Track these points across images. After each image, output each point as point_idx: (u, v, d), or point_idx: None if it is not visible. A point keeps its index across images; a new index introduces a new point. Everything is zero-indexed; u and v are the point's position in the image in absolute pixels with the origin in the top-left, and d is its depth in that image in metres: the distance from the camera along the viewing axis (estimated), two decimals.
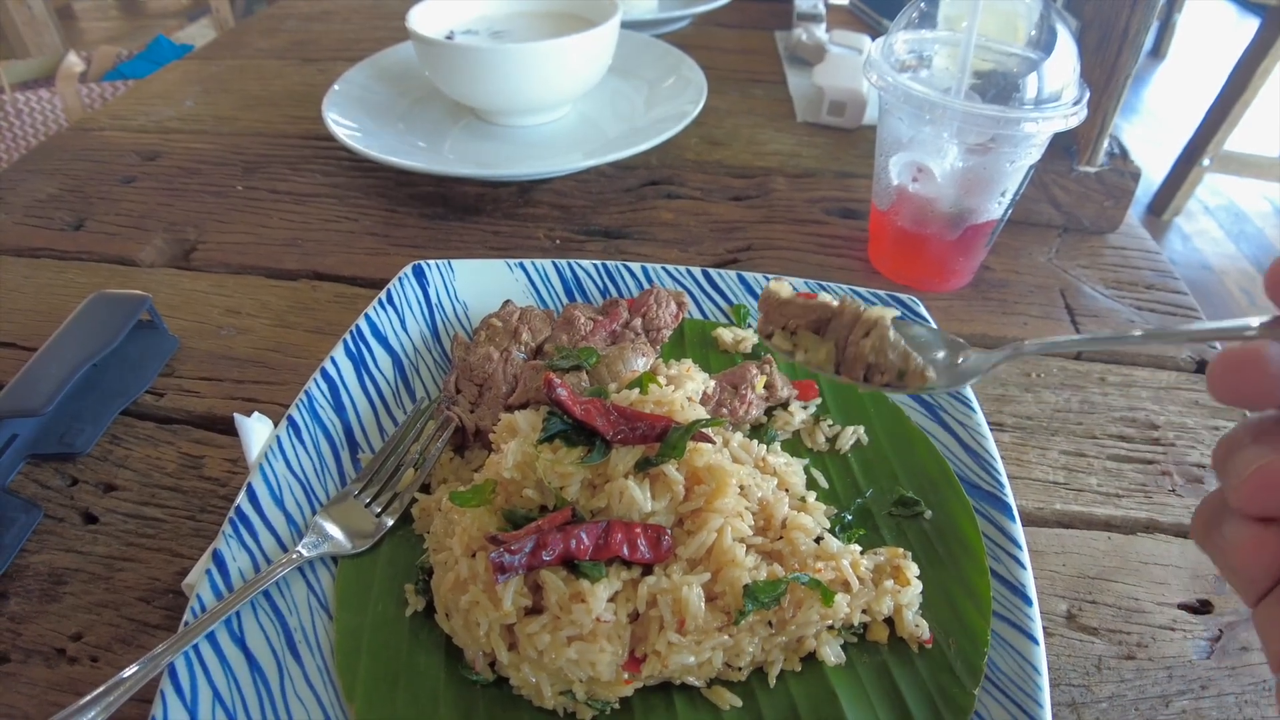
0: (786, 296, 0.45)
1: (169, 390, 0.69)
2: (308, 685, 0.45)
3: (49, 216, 0.92)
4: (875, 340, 0.41)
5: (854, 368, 0.42)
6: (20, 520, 0.57)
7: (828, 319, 0.43)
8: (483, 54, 0.90)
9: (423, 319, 0.67)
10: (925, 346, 0.43)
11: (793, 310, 0.44)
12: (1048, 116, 0.63)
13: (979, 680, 0.45)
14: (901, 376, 0.41)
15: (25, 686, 0.49)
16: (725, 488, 0.45)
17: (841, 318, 0.43)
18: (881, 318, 0.42)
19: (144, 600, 0.53)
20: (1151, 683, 0.50)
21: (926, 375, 0.41)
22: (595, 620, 0.41)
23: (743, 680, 0.46)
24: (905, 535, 0.53)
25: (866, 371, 0.42)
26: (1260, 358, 0.28)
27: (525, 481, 0.46)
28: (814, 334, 0.44)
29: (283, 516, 0.52)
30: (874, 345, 0.41)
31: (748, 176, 0.99)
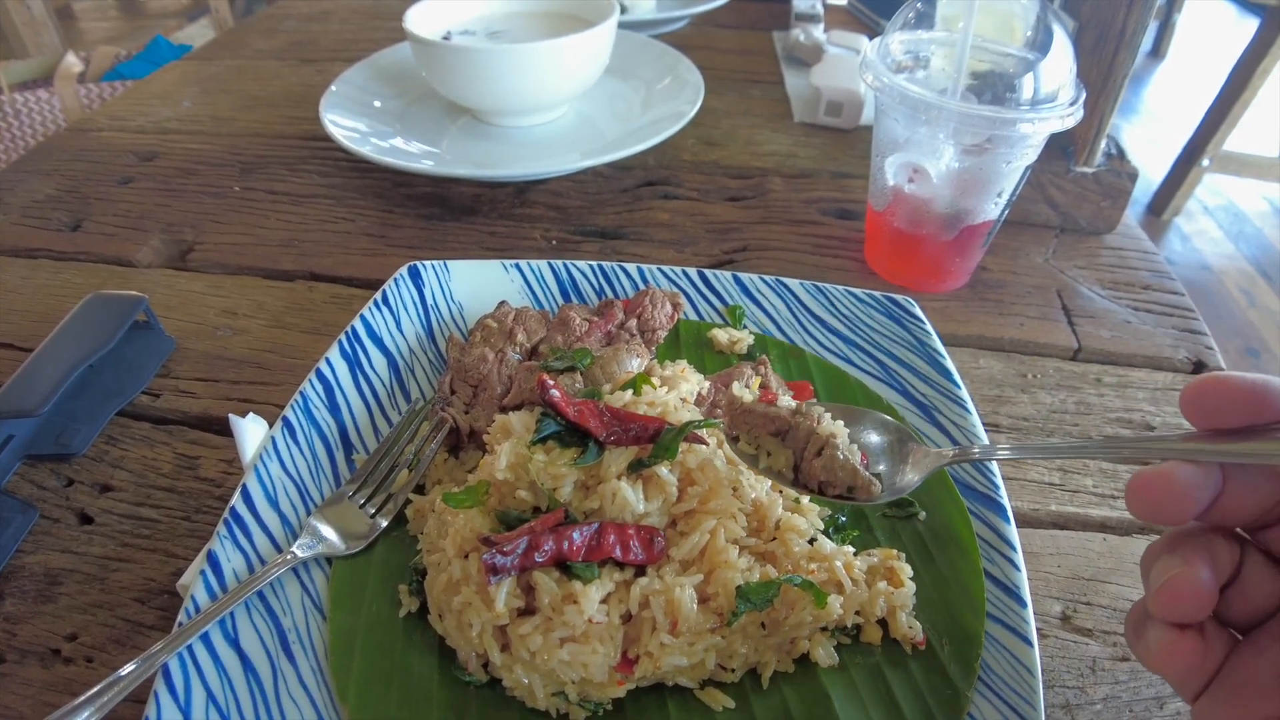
0: (749, 404, 0.50)
1: (165, 391, 0.69)
2: (301, 686, 0.45)
3: (46, 217, 0.92)
4: (825, 460, 0.46)
5: (808, 482, 0.47)
6: (16, 521, 0.57)
7: (785, 428, 0.48)
8: (479, 54, 0.90)
9: (418, 320, 0.67)
10: (876, 454, 0.48)
11: (754, 419, 0.49)
12: (1044, 117, 0.63)
13: (973, 682, 0.45)
14: (851, 490, 0.46)
15: (20, 687, 0.49)
16: (718, 489, 0.45)
17: (798, 430, 0.48)
18: (831, 436, 0.47)
19: (139, 601, 0.53)
20: (1146, 684, 0.50)
21: (872, 489, 0.46)
22: (588, 621, 0.41)
23: (735, 682, 0.46)
24: (899, 537, 0.53)
25: (820, 485, 0.47)
26: (1169, 481, 0.31)
27: (518, 483, 0.46)
28: (776, 438, 0.49)
29: (277, 517, 0.52)
30: (824, 464, 0.46)
31: (744, 177, 0.99)
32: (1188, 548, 0.32)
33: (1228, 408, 0.31)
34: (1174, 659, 0.32)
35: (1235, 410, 0.31)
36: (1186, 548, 0.32)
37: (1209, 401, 0.32)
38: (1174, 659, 0.32)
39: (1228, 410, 0.32)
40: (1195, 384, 0.32)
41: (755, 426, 0.49)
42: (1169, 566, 0.31)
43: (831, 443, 0.46)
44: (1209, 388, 0.32)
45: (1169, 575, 0.31)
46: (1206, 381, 0.32)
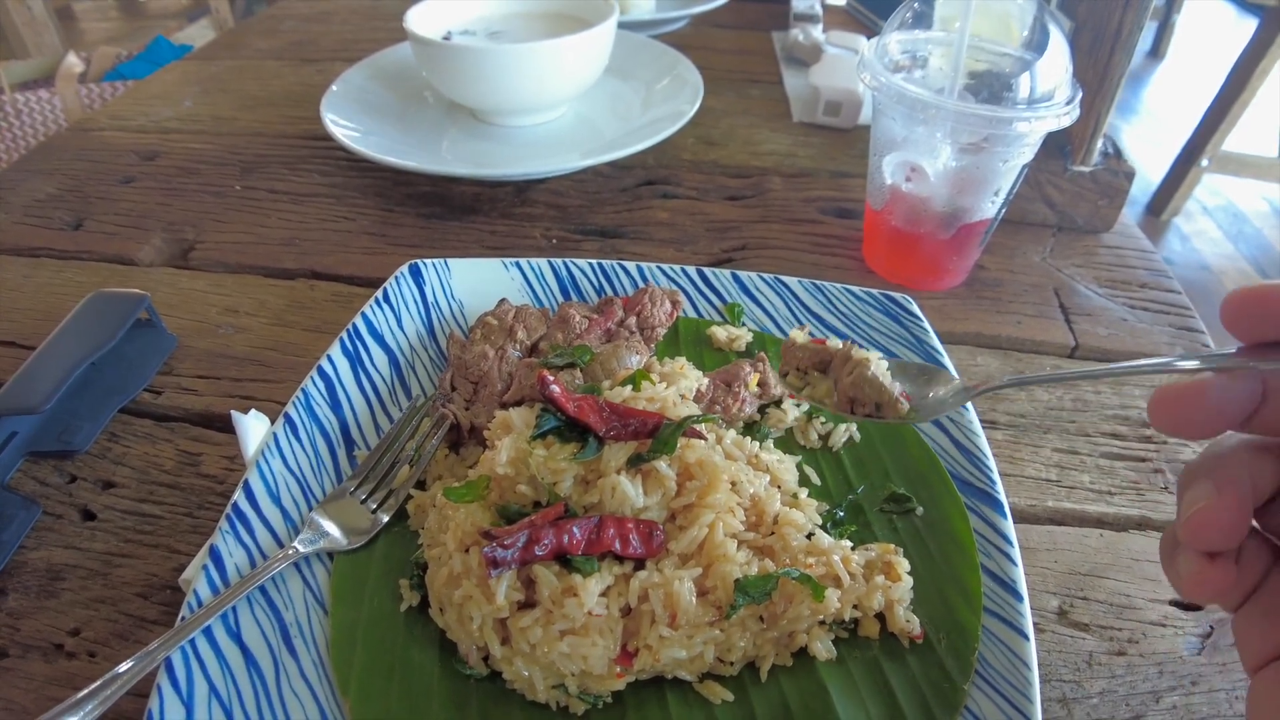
0: (801, 342, 0.53)
1: (167, 388, 0.69)
2: (303, 680, 0.45)
3: (48, 216, 0.92)
4: (855, 378, 0.49)
5: (841, 400, 0.50)
6: (19, 517, 0.57)
7: (829, 360, 0.51)
8: (480, 54, 0.91)
9: (419, 317, 0.68)
10: (912, 381, 0.50)
11: (803, 354, 0.53)
12: (1040, 116, 0.64)
13: (970, 675, 0.46)
14: (879, 408, 0.48)
15: (23, 681, 0.49)
16: (717, 483, 0.46)
17: (838, 358, 0.51)
18: (865, 358, 0.49)
19: (141, 596, 0.53)
20: (1142, 678, 0.51)
21: (899, 407, 0.48)
22: (587, 614, 0.41)
23: (734, 675, 0.46)
24: (897, 531, 0.53)
25: (851, 404, 0.49)
26: (1199, 393, 0.31)
27: (519, 477, 0.47)
28: (820, 373, 0.52)
29: (279, 513, 0.53)
30: (854, 380, 0.49)
31: (744, 176, 0.99)
32: (1223, 472, 0.31)
33: (1271, 318, 0.30)
34: (1203, 587, 0.31)
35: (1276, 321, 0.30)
36: (1221, 472, 0.31)
37: (1251, 310, 0.30)
38: (1203, 587, 0.31)
39: (1271, 320, 0.30)
40: (1235, 296, 0.30)
41: (802, 360, 0.52)
42: (1199, 495, 0.30)
43: (863, 363, 0.49)
44: (1249, 299, 0.30)
45: (1197, 506, 0.30)
46: (1246, 294, 0.30)
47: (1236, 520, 0.30)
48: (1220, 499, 0.30)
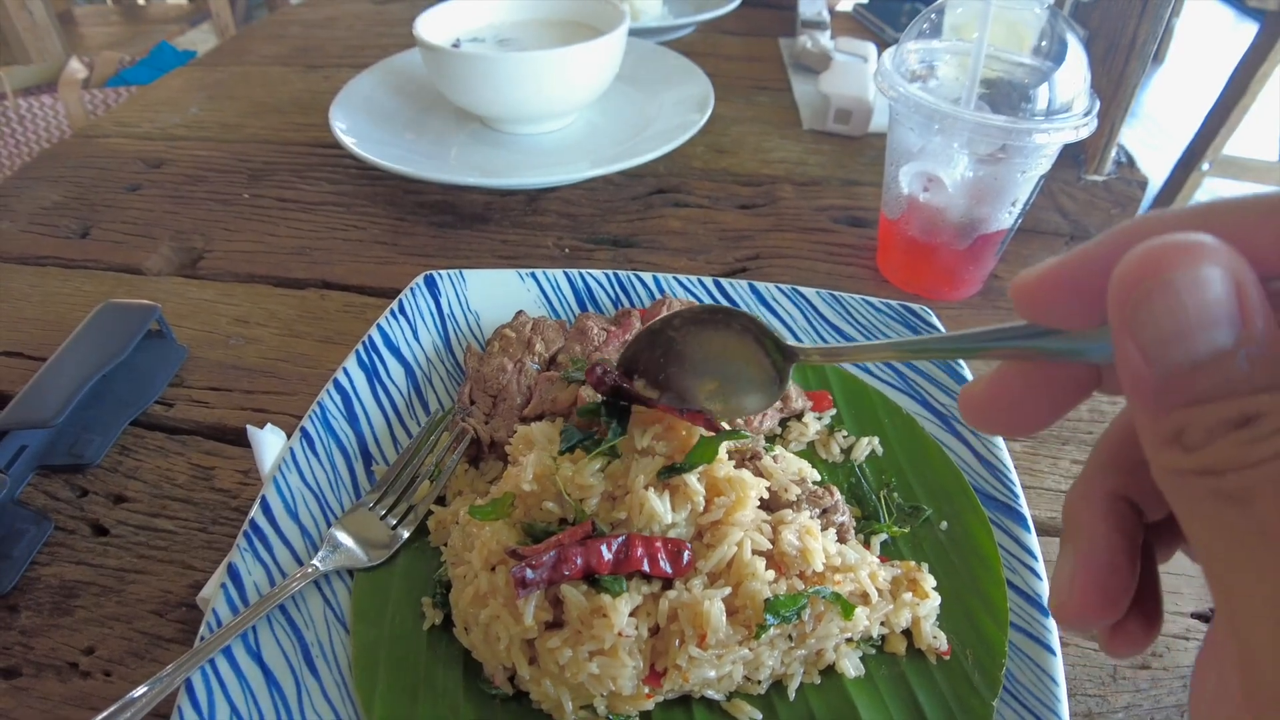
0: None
1: (178, 400, 0.68)
2: (325, 700, 0.45)
3: (54, 224, 0.91)
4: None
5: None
6: (30, 532, 0.56)
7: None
8: (489, 62, 0.90)
9: (435, 329, 0.67)
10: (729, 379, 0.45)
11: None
12: (1058, 127, 0.63)
13: (997, 691, 0.45)
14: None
15: (38, 701, 0.48)
16: (745, 501, 0.45)
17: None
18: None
19: (156, 613, 0.53)
20: (1166, 692, 0.50)
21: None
22: (617, 635, 0.41)
23: (762, 693, 0.46)
24: (922, 547, 0.53)
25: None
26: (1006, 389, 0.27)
27: (544, 494, 0.46)
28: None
29: (297, 529, 0.52)
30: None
31: (755, 185, 0.99)
32: (1080, 543, 0.26)
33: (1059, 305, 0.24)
34: (1116, 650, 0.27)
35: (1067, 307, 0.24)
36: (1079, 543, 0.26)
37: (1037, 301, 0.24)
38: (1116, 650, 0.27)
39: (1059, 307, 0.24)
40: (1022, 286, 0.25)
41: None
42: (1061, 580, 0.26)
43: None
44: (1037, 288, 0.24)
45: (1060, 598, 0.26)
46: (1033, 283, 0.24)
47: (1105, 604, 0.26)
48: (1080, 589, 0.26)
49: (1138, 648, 0.27)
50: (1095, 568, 0.26)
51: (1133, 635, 0.27)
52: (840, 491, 0.53)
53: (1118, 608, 0.26)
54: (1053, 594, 0.27)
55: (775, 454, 0.52)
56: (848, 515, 0.52)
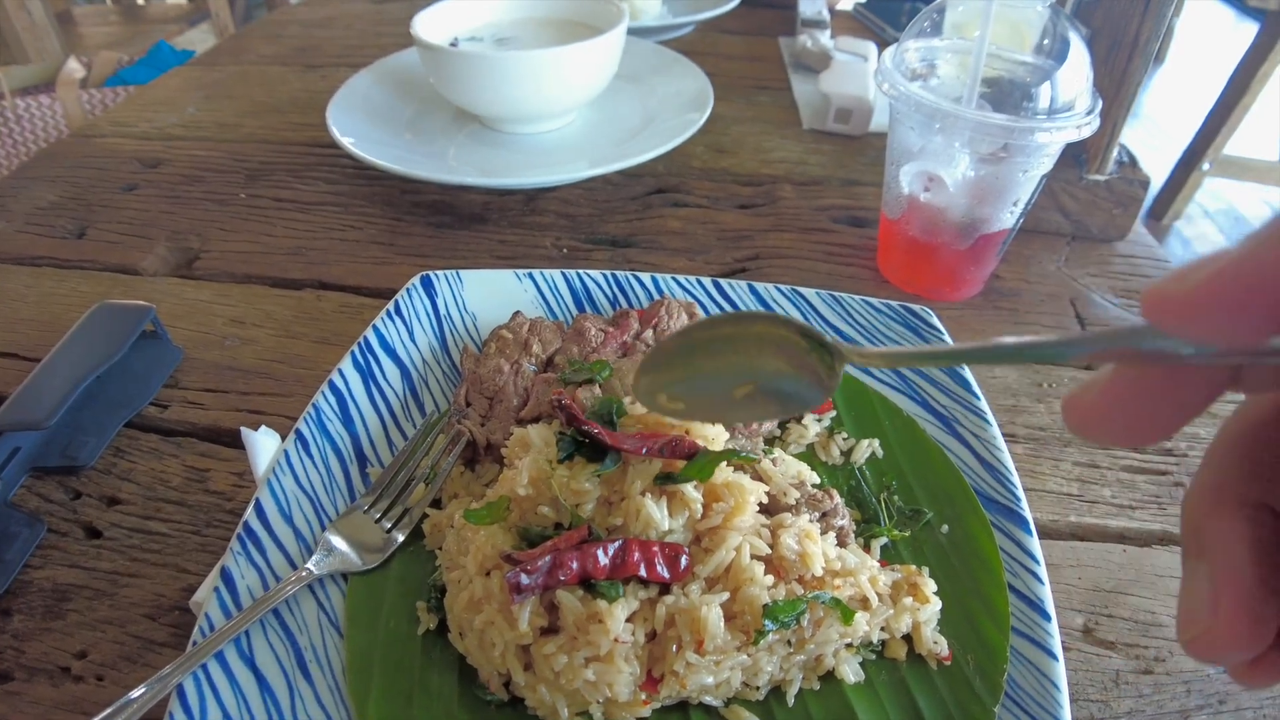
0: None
1: (173, 402, 0.68)
2: (319, 706, 0.44)
3: (51, 224, 0.91)
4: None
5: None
6: (23, 535, 0.56)
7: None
8: (487, 62, 0.90)
9: (431, 330, 0.67)
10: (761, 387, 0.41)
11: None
12: (1061, 126, 0.63)
13: (999, 697, 0.45)
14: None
15: (29, 706, 0.48)
16: (744, 506, 0.45)
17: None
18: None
19: (149, 617, 0.52)
20: (1170, 697, 0.50)
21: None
22: (613, 641, 0.40)
23: (760, 700, 0.45)
24: (922, 551, 0.53)
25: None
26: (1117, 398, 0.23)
27: (540, 498, 0.46)
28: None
29: (291, 532, 0.51)
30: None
31: (755, 184, 0.99)
32: (1216, 557, 0.23)
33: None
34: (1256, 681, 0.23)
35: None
36: (1215, 557, 0.23)
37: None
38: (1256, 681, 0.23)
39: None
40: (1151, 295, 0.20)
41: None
42: (1196, 604, 0.23)
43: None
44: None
45: (1196, 630, 0.22)
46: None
47: (1256, 632, 0.22)
48: (1220, 613, 0.22)
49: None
50: (1241, 590, 0.22)
51: (1275, 661, 0.23)
52: (840, 494, 0.52)
53: (1268, 635, 0.22)
54: (1187, 624, 0.23)
55: (774, 457, 0.52)
56: (847, 519, 0.52)
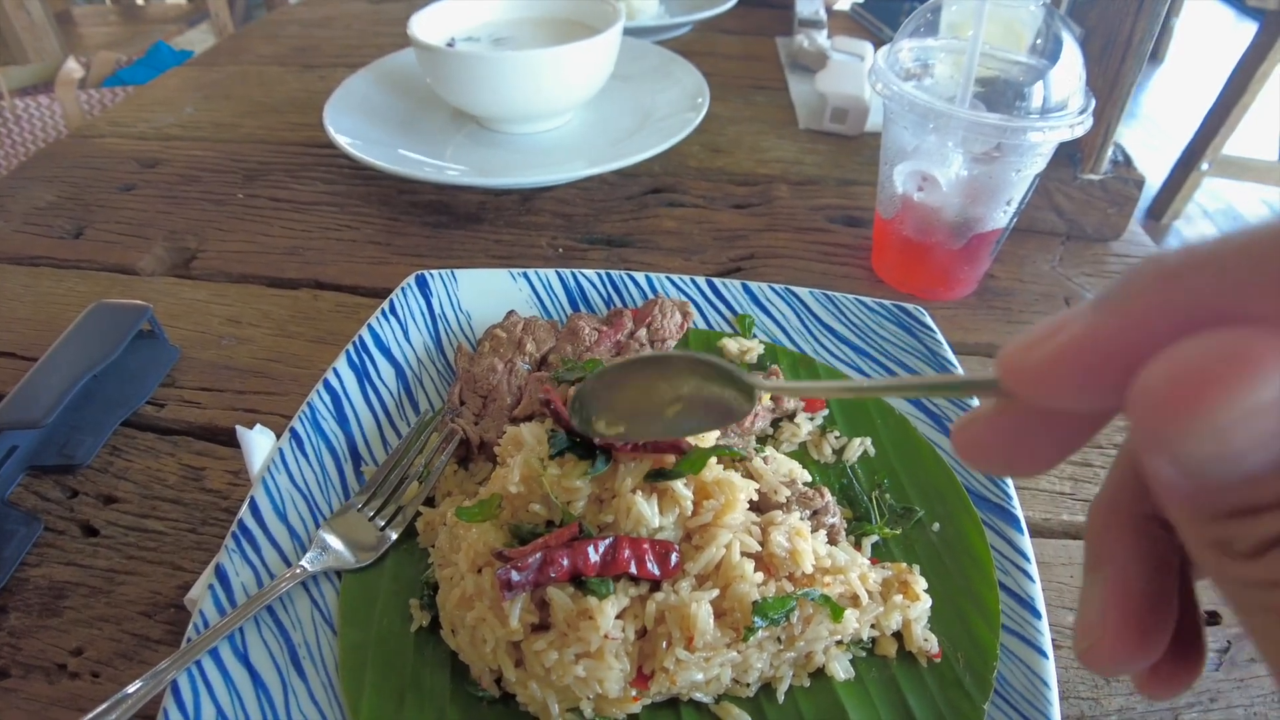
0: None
1: (170, 401, 0.68)
2: (312, 702, 0.44)
3: (48, 224, 0.91)
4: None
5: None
6: (20, 533, 0.56)
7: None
8: (484, 62, 0.90)
9: (426, 329, 0.67)
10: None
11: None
12: (1054, 125, 0.63)
13: (988, 695, 0.45)
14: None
15: (25, 702, 0.48)
16: (734, 503, 0.45)
17: None
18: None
19: (145, 614, 0.52)
20: None
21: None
22: (603, 637, 0.41)
23: (751, 696, 0.45)
24: (913, 549, 0.53)
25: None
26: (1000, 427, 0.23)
27: (531, 496, 0.46)
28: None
29: (285, 530, 0.52)
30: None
31: (750, 184, 0.99)
32: (1110, 569, 0.23)
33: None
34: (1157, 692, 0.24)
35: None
36: (1108, 568, 0.23)
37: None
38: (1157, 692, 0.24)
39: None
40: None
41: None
42: (1090, 614, 0.23)
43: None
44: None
45: (1089, 641, 0.23)
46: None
47: (1143, 643, 0.22)
48: (1114, 628, 0.22)
49: (1179, 688, 0.23)
50: (1129, 602, 0.22)
51: (1173, 675, 0.23)
52: (831, 493, 0.53)
53: (1158, 646, 0.22)
54: (1081, 635, 0.23)
55: (766, 455, 0.52)
56: (838, 517, 0.52)
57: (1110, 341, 0.18)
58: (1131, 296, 0.18)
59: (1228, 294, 0.16)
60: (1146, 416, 0.16)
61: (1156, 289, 0.17)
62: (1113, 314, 0.18)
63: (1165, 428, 0.16)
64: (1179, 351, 0.16)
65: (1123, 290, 0.18)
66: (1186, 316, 0.17)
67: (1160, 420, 0.16)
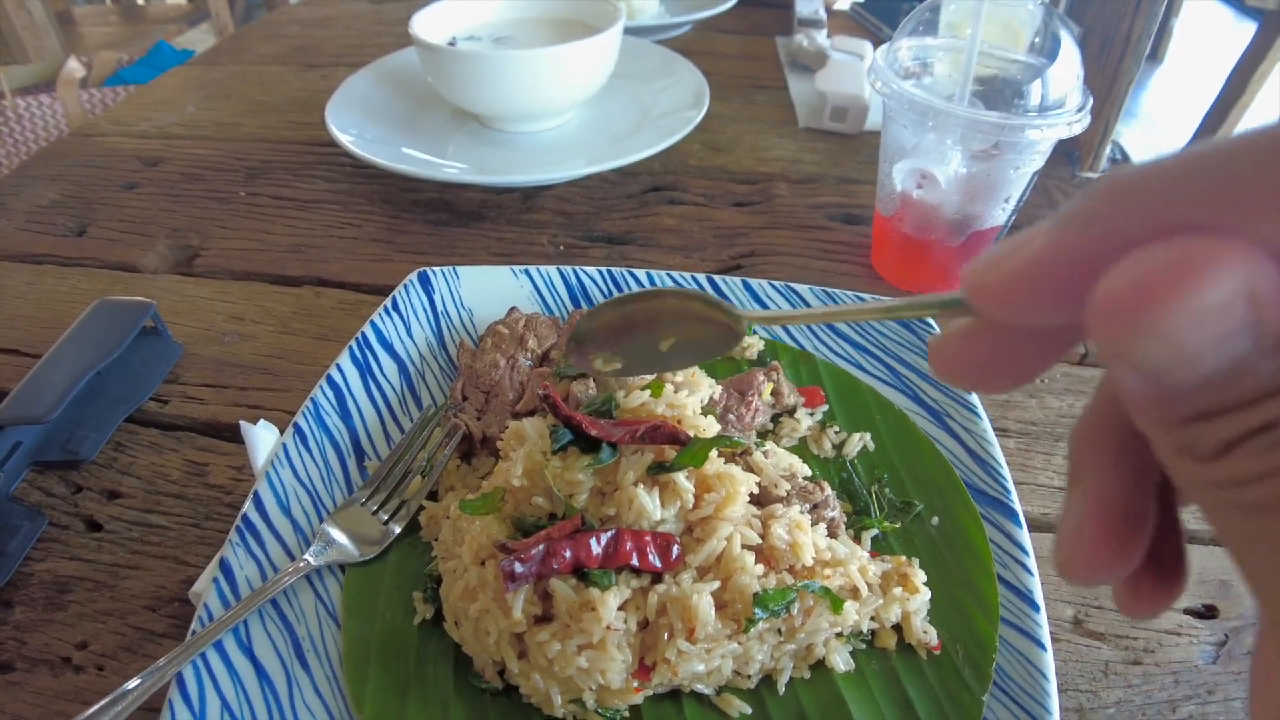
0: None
1: (173, 397, 0.69)
2: (316, 695, 0.45)
3: (51, 222, 0.92)
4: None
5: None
6: (25, 528, 0.57)
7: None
8: (485, 60, 0.91)
9: (429, 326, 0.67)
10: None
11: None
12: (1051, 123, 0.64)
13: (987, 687, 0.45)
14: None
15: (30, 696, 0.48)
16: (735, 496, 0.45)
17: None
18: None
19: (149, 609, 0.53)
20: (1158, 688, 0.50)
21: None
22: (606, 629, 0.41)
23: (752, 688, 0.46)
24: (913, 542, 0.53)
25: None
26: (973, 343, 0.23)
27: (534, 489, 0.46)
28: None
29: (289, 524, 0.52)
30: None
31: (750, 182, 0.99)
32: (1089, 487, 0.23)
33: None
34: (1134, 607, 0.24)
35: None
36: (1088, 487, 0.23)
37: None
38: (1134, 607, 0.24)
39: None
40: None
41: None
42: (1067, 526, 0.23)
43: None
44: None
45: (1067, 550, 0.23)
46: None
47: (1119, 551, 0.22)
48: (1091, 536, 0.22)
49: (1160, 605, 0.24)
50: (1107, 511, 0.22)
51: (1153, 591, 0.23)
52: (831, 487, 0.53)
53: (1133, 555, 0.22)
54: (1060, 546, 0.23)
55: (766, 449, 0.53)
56: (838, 510, 0.52)
57: (1070, 255, 0.18)
58: (1092, 211, 0.18)
59: (1184, 205, 0.16)
60: (1104, 325, 0.17)
61: (1115, 203, 0.17)
62: (1073, 228, 0.18)
63: (1121, 334, 0.16)
64: (1133, 260, 0.16)
65: (1083, 206, 0.18)
66: (1144, 228, 0.17)
67: (1116, 327, 0.16)
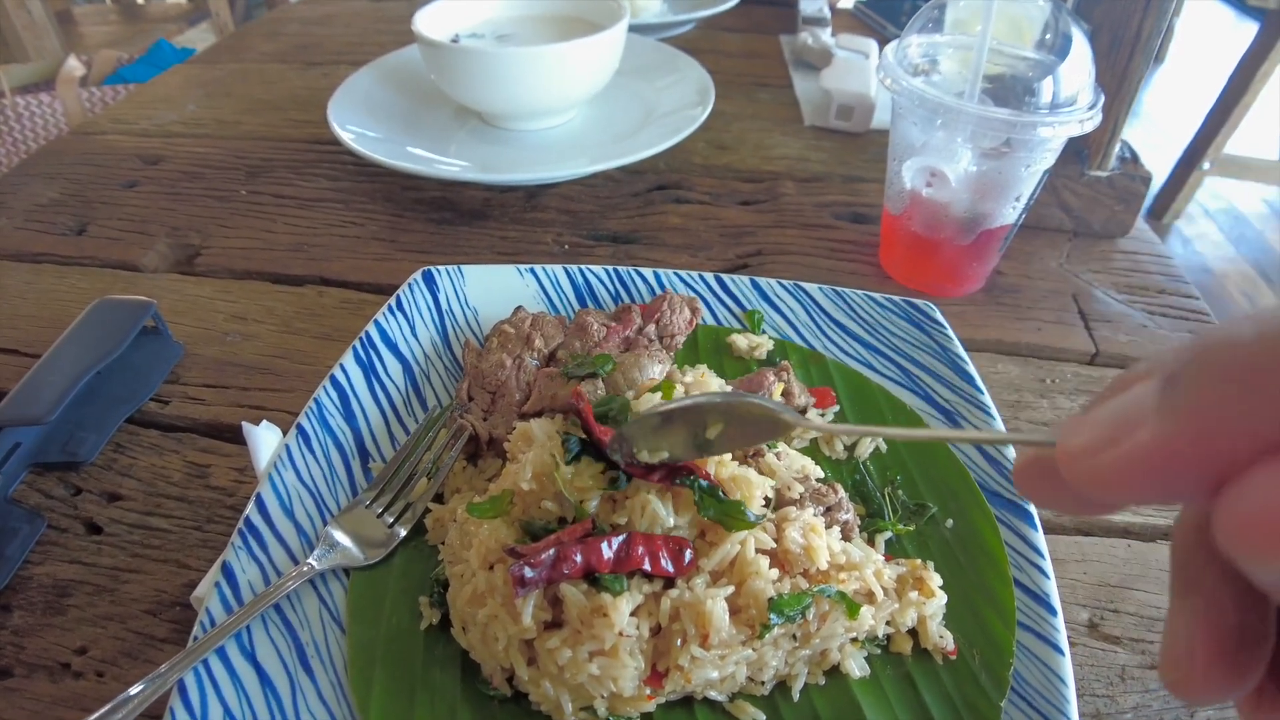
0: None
1: (174, 398, 0.68)
2: (320, 701, 0.44)
3: (51, 221, 0.91)
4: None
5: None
6: (23, 531, 0.56)
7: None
8: (488, 58, 0.90)
9: (433, 325, 0.66)
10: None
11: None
12: (1063, 121, 0.63)
13: (1005, 692, 0.45)
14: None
15: (29, 702, 0.47)
16: (750, 499, 0.44)
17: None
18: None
19: (150, 613, 0.52)
20: None
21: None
22: (618, 635, 0.40)
23: (765, 694, 0.45)
24: (928, 545, 0.52)
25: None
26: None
27: (543, 493, 0.45)
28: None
29: (293, 527, 0.51)
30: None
31: (756, 181, 0.98)
32: (1200, 603, 0.21)
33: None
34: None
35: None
36: (1195, 607, 0.22)
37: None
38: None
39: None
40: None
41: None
42: (1178, 645, 0.21)
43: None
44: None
45: (1178, 672, 0.21)
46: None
47: (1236, 674, 0.21)
48: (1204, 660, 0.21)
49: None
50: (1222, 634, 0.21)
51: (1276, 699, 0.22)
52: (844, 489, 0.52)
53: (1251, 677, 0.21)
54: (1169, 664, 0.21)
55: (778, 451, 0.52)
56: (852, 513, 0.51)
57: (1183, 457, 0.17)
58: (1204, 404, 0.17)
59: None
60: (1238, 545, 0.16)
61: (1233, 398, 0.16)
62: (1185, 423, 0.17)
63: (1259, 555, 0.16)
64: (1256, 489, 0.16)
65: (1194, 391, 0.17)
66: (1265, 427, 0.16)
67: (1254, 549, 0.16)
